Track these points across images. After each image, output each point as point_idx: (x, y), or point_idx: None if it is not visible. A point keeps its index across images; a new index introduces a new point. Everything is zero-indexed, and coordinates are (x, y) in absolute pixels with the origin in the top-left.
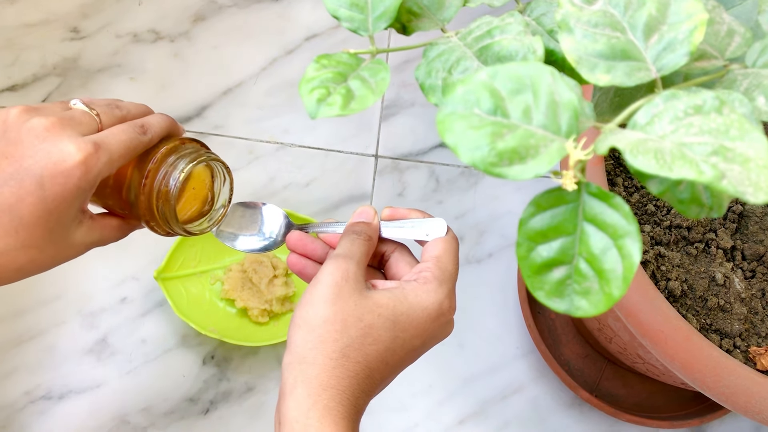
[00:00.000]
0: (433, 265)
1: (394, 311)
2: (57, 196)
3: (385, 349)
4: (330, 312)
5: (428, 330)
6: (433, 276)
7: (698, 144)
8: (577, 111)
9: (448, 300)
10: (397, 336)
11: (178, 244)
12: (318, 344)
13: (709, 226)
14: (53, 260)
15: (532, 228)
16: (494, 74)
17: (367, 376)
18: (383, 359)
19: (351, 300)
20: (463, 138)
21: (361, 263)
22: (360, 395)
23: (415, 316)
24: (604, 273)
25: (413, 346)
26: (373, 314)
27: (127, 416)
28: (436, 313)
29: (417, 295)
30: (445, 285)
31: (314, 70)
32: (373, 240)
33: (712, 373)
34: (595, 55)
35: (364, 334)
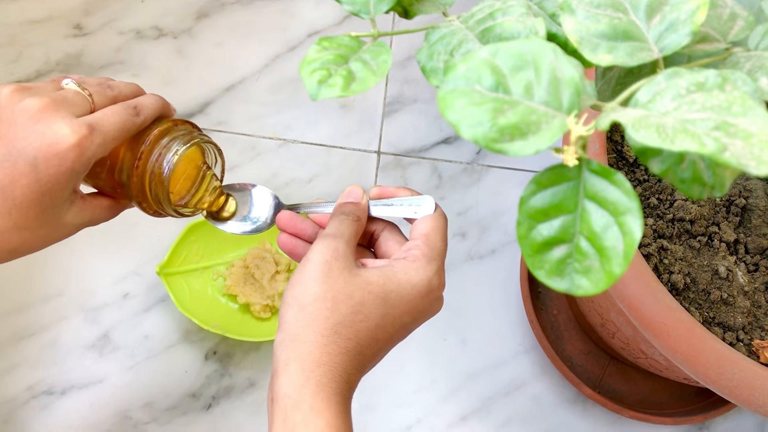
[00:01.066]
0: (422, 243)
1: (384, 288)
2: (51, 178)
3: (376, 326)
4: (320, 290)
5: (418, 307)
6: (422, 254)
7: (701, 120)
8: (578, 87)
9: (437, 277)
10: (388, 313)
11: (181, 240)
12: (310, 322)
13: (712, 219)
14: (44, 241)
15: (533, 206)
16: (495, 51)
17: (358, 352)
18: (374, 336)
19: (341, 278)
20: (465, 114)
21: (350, 242)
22: (352, 371)
23: (404, 293)
24: (605, 250)
25: (403, 322)
26: (363, 291)
27: (129, 412)
28: (426, 290)
29: (406, 273)
30: (434, 262)
31: (315, 52)
32: (362, 220)
33: (715, 366)
34: (597, 36)
35: (355, 311)
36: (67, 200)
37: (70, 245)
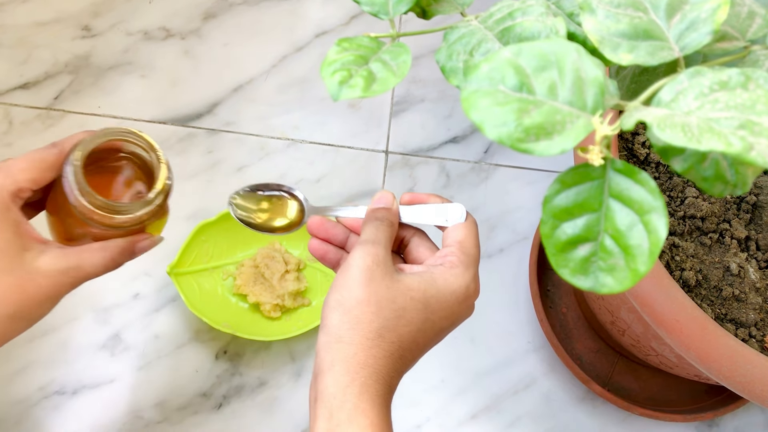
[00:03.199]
0: (458, 250)
1: (425, 294)
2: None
3: (417, 330)
4: (364, 294)
5: (456, 312)
6: (459, 260)
7: (725, 119)
8: (603, 87)
9: (474, 283)
10: (428, 318)
11: (191, 240)
12: (354, 325)
13: (723, 216)
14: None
15: (557, 205)
16: (519, 52)
17: (400, 356)
18: (414, 339)
19: (383, 283)
20: (489, 114)
21: (387, 248)
22: (393, 374)
23: (444, 299)
24: (630, 249)
25: (441, 327)
26: (405, 297)
27: (140, 411)
28: (464, 296)
29: (445, 279)
30: (471, 269)
31: (335, 53)
32: (394, 225)
33: (728, 362)
34: (618, 35)
35: (398, 315)
36: (23, 248)
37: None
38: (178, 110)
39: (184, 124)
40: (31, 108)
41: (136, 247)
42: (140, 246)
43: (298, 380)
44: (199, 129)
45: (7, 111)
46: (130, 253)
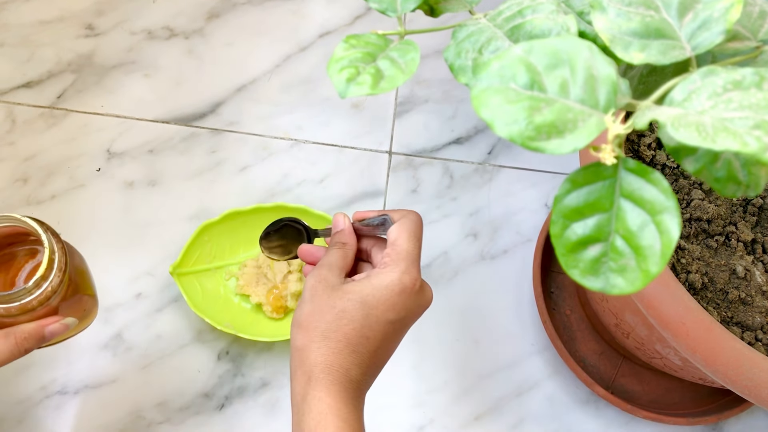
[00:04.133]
0: (390, 250)
1: (362, 293)
2: None
3: (361, 325)
4: (309, 308)
5: (397, 303)
6: (390, 259)
7: (739, 118)
8: (615, 85)
9: (406, 275)
10: (369, 313)
11: (193, 240)
12: (305, 334)
13: (729, 218)
14: None
15: (567, 205)
16: (530, 49)
17: (351, 351)
18: (362, 334)
19: (324, 294)
20: (500, 112)
21: (334, 266)
22: (350, 367)
23: (380, 294)
24: (642, 249)
25: (388, 318)
26: (343, 300)
27: (142, 411)
28: (399, 288)
29: (378, 277)
30: (401, 262)
31: (343, 50)
32: (348, 243)
33: (734, 366)
34: (629, 34)
35: (339, 317)
36: None
37: (81, 246)
38: (181, 110)
39: (188, 124)
40: (34, 107)
41: (45, 330)
42: (50, 330)
43: None
44: (202, 129)
45: (10, 110)
46: (40, 338)
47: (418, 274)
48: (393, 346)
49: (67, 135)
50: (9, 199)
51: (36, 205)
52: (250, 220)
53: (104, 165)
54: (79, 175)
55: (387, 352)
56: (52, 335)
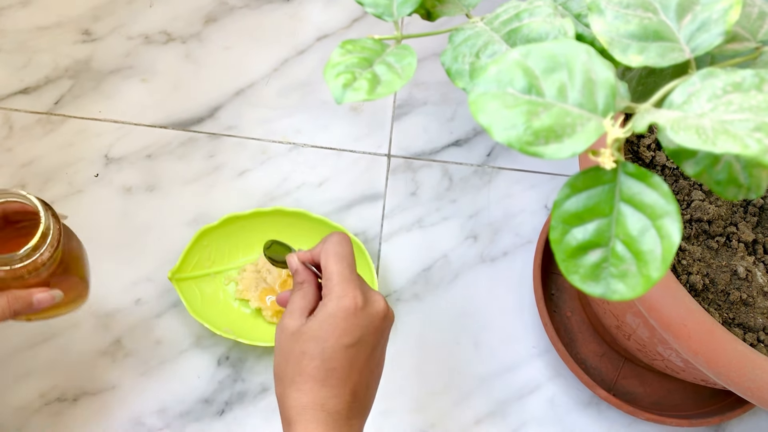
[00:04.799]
0: (325, 279)
1: (312, 332)
2: None
3: (322, 360)
4: (278, 359)
5: (347, 328)
6: (327, 288)
7: (739, 121)
8: (614, 89)
9: (344, 298)
10: (324, 347)
11: (192, 245)
12: (279, 384)
13: (730, 219)
14: None
15: (567, 210)
16: (527, 53)
17: (320, 386)
18: (326, 368)
19: (287, 343)
20: (497, 117)
21: (295, 310)
22: (324, 401)
23: (326, 325)
24: (642, 255)
25: (344, 344)
26: (300, 341)
27: (141, 418)
28: (342, 313)
29: (321, 309)
30: (334, 288)
31: (339, 56)
32: (305, 281)
33: (736, 368)
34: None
35: (299, 359)
36: None
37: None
38: (179, 114)
39: (186, 129)
40: (32, 113)
41: (33, 298)
42: (38, 298)
43: None
44: (200, 133)
45: (7, 116)
46: (28, 302)
47: (356, 292)
48: (367, 367)
49: (64, 141)
50: None
51: None
52: (249, 225)
53: (102, 170)
54: (77, 180)
55: (363, 375)
56: (39, 303)
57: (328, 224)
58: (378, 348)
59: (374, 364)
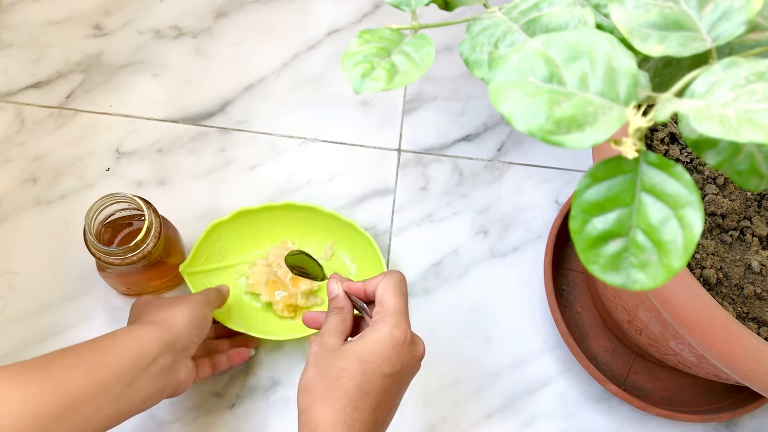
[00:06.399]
0: (379, 307)
1: (358, 351)
2: None
3: (361, 381)
4: (312, 372)
5: (392, 357)
6: (380, 316)
7: (763, 110)
8: (636, 78)
9: (396, 329)
10: (366, 368)
11: (203, 239)
12: (309, 396)
13: (744, 213)
14: None
15: (587, 200)
16: (548, 42)
17: (353, 407)
18: (362, 390)
19: (325, 359)
20: (519, 106)
21: (333, 330)
22: (353, 423)
23: (373, 349)
24: (664, 244)
25: (384, 372)
26: (341, 360)
27: (153, 411)
28: (391, 342)
29: (370, 334)
30: (389, 318)
31: (357, 45)
32: (344, 308)
33: (751, 362)
34: (648, 26)
35: (338, 376)
36: None
37: None
38: (189, 109)
39: (196, 123)
40: (43, 107)
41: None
42: (221, 288)
43: None
44: (211, 128)
45: (19, 110)
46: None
47: (408, 328)
48: (394, 402)
49: (76, 135)
50: (18, 199)
51: (45, 205)
52: (260, 219)
53: (113, 165)
54: (88, 175)
55: (389, 407)
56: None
57: (340, 219)
58: (405, 387)
59: (397, 401)
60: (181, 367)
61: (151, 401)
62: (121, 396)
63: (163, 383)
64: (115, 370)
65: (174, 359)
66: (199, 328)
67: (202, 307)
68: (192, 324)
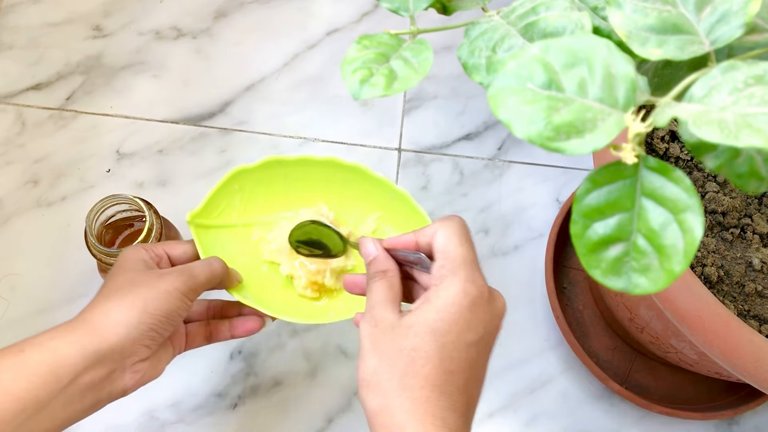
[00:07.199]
0: (442, 259)
1: (427, 323)
2: None
3: (440, 360)
4: (375, 361)
5: (472, 320)
6: (446, 270)
7: (762, 114)
8: (634, 83)
9: (470, 283)
10: (444, 343)
11: (221, 187)
12: (378, 393)
13: (744, 211)
14: None
15: (588, 205)
16: (546, 48)
17: (439, 393)
18: (444, 370)
19: (386, 339)
20: (517, 113)
21: (384, 301)
22: (445, 414)
23: (448, 316)
24: (664, 249)
25: (467, 341)
26: (408, 338)
27: (155, 412)
28: (467, 301)
29: (439, 297)
30: (459, 271)
31: (356, 51)
32: (389, 269)
33: (753, 360)
34: (646, 30)
35: (412, 359)
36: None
37: None
38: (190, 110)
39: (197, 124)
40: (44, 109)
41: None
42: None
43: (313, 380)
44: (211, 128)
45: (19, 112)
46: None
47: (483, 280)
48: (482, 374)
49: (76, 136)
50: (20, 201)
51: (47, 206)
52: (293, 174)
53: (114, 166)
54: (89, 176)
55: (478, 383)
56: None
57: (391, 189)
58: (490, 354)
59: (483, 373)
60: (124, 375)
61: (79, 418)
62: (23, 427)
63: (93, 399)
64: (12, 400)
65: (109, 370)
66: (157, 327)
67: (173, 300)
68: (142, 326)
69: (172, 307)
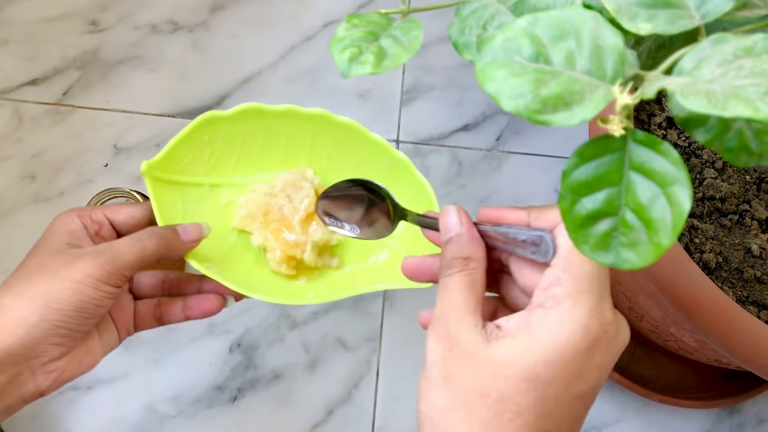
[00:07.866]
0: (563, 272)
1: (526, 365)
2: None
3: (536, 417)
4: (447, 398)
5: (586, 366)
6: (566, 291)
7: (750, 85)
8: (622, 55)
9: (594, 318)
10: (545, 394)
11: (187, 136)
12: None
13: (742, 197)
14: None
15: (576, 179)
16: (534, 21)
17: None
18: (541, 429)
19: (464, 372)
20: (505, 86)
21: (463, 311)
22: None
23: (555, 361)
24: (653, 222)
25: (576, 393)
26: (498, 380)
27: (154, 405)
28: (586, 345)
29: (548, 330)
30: (583, 298)
31: (345, 30)
32: (473, 257)
33: (752, 346)
34: (636, 4)
35: (498, 411)
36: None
37: None
38: (187, 103)
39: (194, 117)
40: (40, 104)
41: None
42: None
43: (313, 373)
44: None
45: (16, 107)
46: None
47: (611, 310)
48: (581, 423)
49: (73, 131)
50: (17, 197)
51: (44, 201)
52: (276, 128)
53: (111, 160)
54: (86, 171)
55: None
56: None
57: (390, 153)
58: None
59: (579, 426)
60: (34, 377)
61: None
62: None
63: (1, 405)
64: None
65: (12, 375)
66: (66, 323)
67: (84, 290)
68: (45, 324)
69: (83, 298)
